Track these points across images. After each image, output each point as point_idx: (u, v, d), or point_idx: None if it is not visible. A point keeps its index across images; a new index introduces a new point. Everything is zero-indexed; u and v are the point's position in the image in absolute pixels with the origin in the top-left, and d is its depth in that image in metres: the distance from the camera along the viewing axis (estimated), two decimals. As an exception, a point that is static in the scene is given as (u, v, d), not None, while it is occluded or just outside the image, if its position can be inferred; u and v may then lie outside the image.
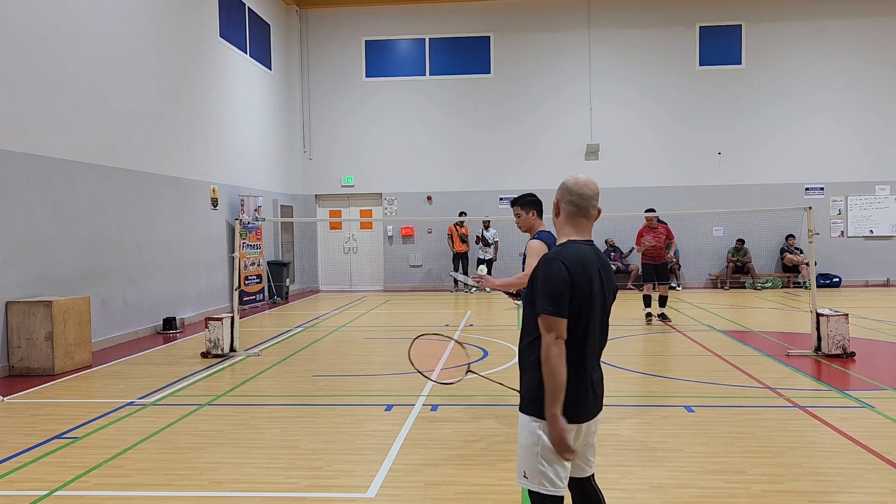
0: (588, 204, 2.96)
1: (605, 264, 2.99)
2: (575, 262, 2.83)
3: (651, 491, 4.50)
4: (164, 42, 12.53)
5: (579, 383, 2.86)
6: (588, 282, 2.85)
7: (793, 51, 18.66)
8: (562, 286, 2.79)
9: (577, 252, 2.88)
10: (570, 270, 2.81)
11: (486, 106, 19.31)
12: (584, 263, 2.86)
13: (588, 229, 2.99)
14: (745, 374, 7.84)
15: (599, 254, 2.99)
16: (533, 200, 5.64)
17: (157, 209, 12.08)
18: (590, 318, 2.87)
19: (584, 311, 2.84)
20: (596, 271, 2.90)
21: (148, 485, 4.73)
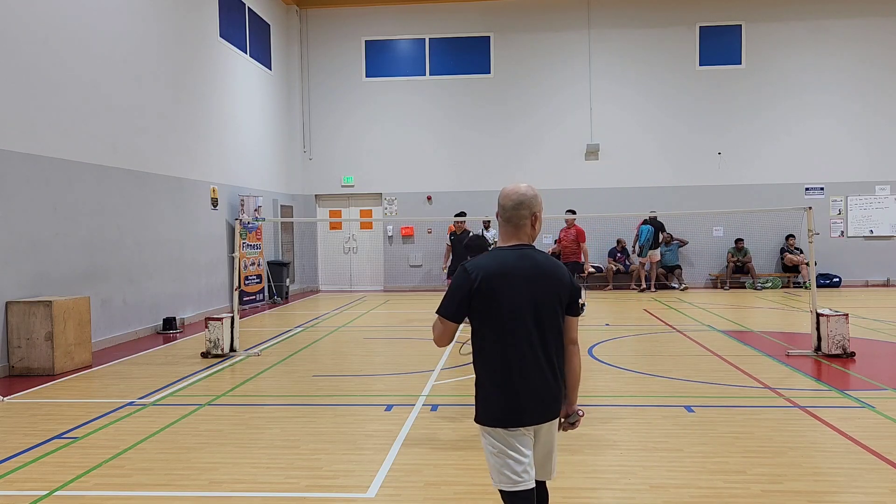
0: (510, 214, 3.01)
1: (538, 267, 2.97)
2: (483, 270, 2.92)
3: (651, 491, 4.50)
4: (165, 42, 12.53)
5: (506, 387, 2.92)
6: (503, 286, 2.90)
7: (793, 51, 18.66)
8: (458, 292, 2.92)
9: (493, 259, 2.97)
10: (475, 278, 2.90)
11: (486, 106, 19.31)
12: (500, 269, 2.92)
13: (518, 236, 3.03)
14: (745, 374, 7.84)
15: (531, 257, 2.99)
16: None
17: (157, 209, 12.08)
18: (508, 321, 2.90)
19: (495, 313, 2.91)
20: (520, 275, 2.93)
21: (148, 485, 4.73)
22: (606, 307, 14.85)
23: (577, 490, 4.55)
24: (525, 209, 3.00)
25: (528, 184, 3.08)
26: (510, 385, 2.93)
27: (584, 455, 5.24)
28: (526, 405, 2.93)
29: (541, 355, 2.95)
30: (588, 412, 6.38)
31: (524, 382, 2.93)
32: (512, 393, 2.93)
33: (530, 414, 2.95)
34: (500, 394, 2.93)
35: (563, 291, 3.01)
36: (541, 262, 3.00)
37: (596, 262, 18.76)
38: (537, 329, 2.93)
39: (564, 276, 3.03)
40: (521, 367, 2.92)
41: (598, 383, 7.60)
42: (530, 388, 2.93)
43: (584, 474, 4.83)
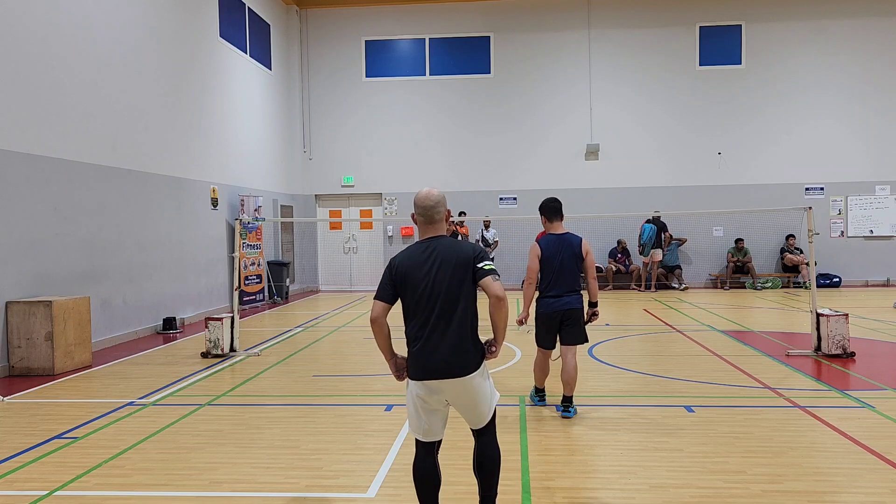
0: (428, 213, 3.73)
1: (443, 255, 3.65)
2: (398, 260, 3.72)
3: (651, 491, 4.50)
4: (165, 42, 12.53)
5: (416, 346, 3.64)
6: (413, 271, 3.63)
7: (793, 51, 18.66)
8: (384, 279, 3.73)
9: (408, 253, 3.73)
10: (392, 266, 3.71)
11: (486, 106, 19.31)
12: (411, 257, 3.68)
13: (431, 231, 3.75)
14: (745, 374, 7.84)
15: (437, 247, 3.68)
16: (541, 206, 6.42)
17: (157, 209, 12.08)
18: (418, 296, 3.62)
19: (410, 292, 3.65)
20: (426, 262, 3.64)
21: (148, 485, 4.73)
22: (606, 307, 14.83)
23: (577, 490, 4.55)
24: (440, 207, 3.74)
25: (438, 188, 3.83)
26: (421, 344, 3.67)
27: (584, 455, 5.24)
28: (427, 362, 3.64)
29: (442, 321, 3.61)
30: (588, 412, 6.40)
31: (432, 342, 3.63)
32: (421, 350, 3.66)
33: (432, 369, 3.63)
34: (410, 349, 3.71)
35: (456, 271, 3.62)
36: (443, 252, 3.66)
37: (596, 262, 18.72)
38: (437, 300, 3.61)
39: (462, 254, 3.66)
40: (435, 331, 3.63)
41: (598, 383, 7.60)
42: (434, 347, 3.63)
43: (584, 474, 4.84)
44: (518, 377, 7.85)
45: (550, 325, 6.27)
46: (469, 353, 3.64)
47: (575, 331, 6.24)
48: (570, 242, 6.23)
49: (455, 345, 3.60)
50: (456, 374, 3.59)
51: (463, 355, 3.61)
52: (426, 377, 3.62)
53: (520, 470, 4.89)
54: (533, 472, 4.85)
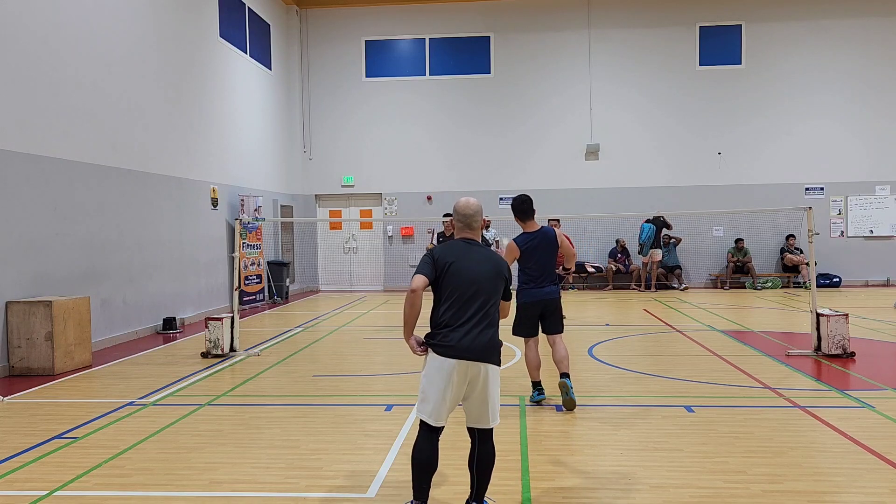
0: (467, 220, 4.18)
1: (485, 257, 4.10)
2: (441, 250, 4.08)
3: (651, 491, 4.50)
4: (165, 42, 12.53)
5: (448, 329, 3.95)
6: (458, 261, 4.01)
7: (793, 51, 18.66)
8: (426, 260, 4.08)
9: (450, 245, 4.12)
10: (435, 255, 4.07)
11: (486, 106, 19.31)
12: (455, 253, 4.06)
13: (470, 234, 4.19)
14: (745, 374, 7.84)
15: (478, 249, 4.14)
16: (512, 207, 6.71)
17: (157, 209, 12.09)
18: (462, 285, 3.98)
19: (452, 279, 3.99)
20: (470, 257, 4.05)
21: (148, 485, 4.73)
22: (606, 307, 14.85)
23: (577, 490, 4.55)
24: (479, 215, 4.20)
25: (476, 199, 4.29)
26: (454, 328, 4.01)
27: (584, 455, 5.24)
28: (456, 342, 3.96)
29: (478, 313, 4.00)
30: (588, 412, 6.40)
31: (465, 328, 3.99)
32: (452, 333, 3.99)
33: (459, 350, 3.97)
34: (443, 330, 4.03)
35: (496, 271, 4.08)
36: (482, 252, 4.12)
37: (596, 262, 18.77)
38: (473, 292, 4.01)
39: (500, 264, 4.14)
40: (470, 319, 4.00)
41: (598, 383, 7.60)
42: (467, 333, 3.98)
43: (584, 474, 4.84)
44: (518, 377, 7.85)
45: (533, 314, 6.63)
46: (498, 347, 4.05)
47: (557, 319, 6.67)
48: (546, 236, 6.58)
49: (491, 336, 4.00)
50: (492, 361, 3.98)
51: (496, 347, 4.02)
52: (469, 357, 3.90)
53: (520, 470, 4.89)
54: (533, 472, 4.85)
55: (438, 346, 3.94)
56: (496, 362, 4.00)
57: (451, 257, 4.03)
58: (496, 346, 4.02)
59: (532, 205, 6.62)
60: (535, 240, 6.54)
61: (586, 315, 13.48)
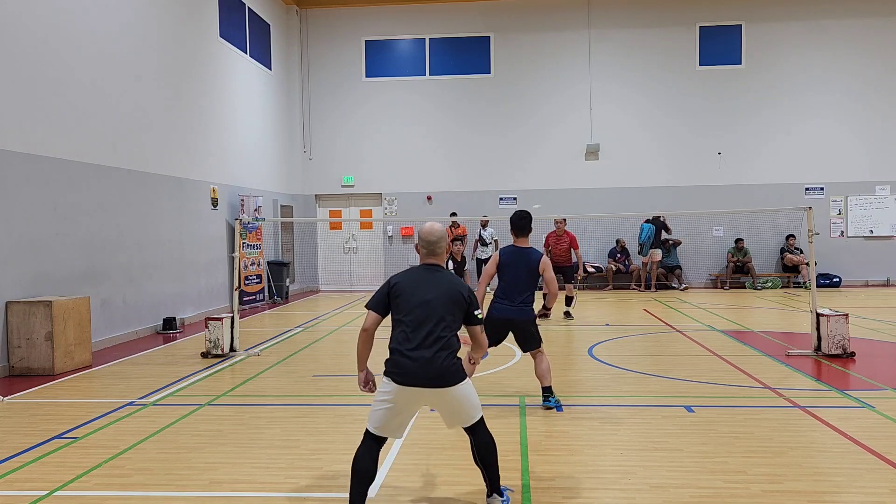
0: (430, 247, 4.23)
1: (440, 279, 4.12)
2: (400, 278, 4.16)
3: (651, 491, 4.50)
4: (165, 42, 12.53)
5: (398, 355, 4.00)
6: (412, 288, 4.07)
7: (793, 51, 18.66)
8: (381, 293, 4.18)
9: (409, 273, 4.20)
10: (391, 284, 4.14)
11: (486, 106, 19.31)
12: (411, 278, 4.14)
13: (433, 260, 4.23)
14: (745, 374, 7.84)
15: (435, 273, 4.16)
16: (511, 220, 6.72)
17: (157, 209, 12.09)
18: (408, 309, 4.02)
19: (404, 307, 4.05)
20: (424, 283, 4.09)
21: (148, 485, 4.73)
22: (606, 307, 14.84)
23: (577, 490, 4.55)
24: (442, 242, 4.23)
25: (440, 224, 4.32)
26: (404, 354, 4.06)
27: (584, 455, 5.24)
28: (407, 369, 4.02)
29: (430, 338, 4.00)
30: (588, 412, 6.40)
31: (416, 353, 4.02)
32: (402, 358, 4.06)
33: (412, 377, 4.01)
34: (392, 356, 4.12)
35: (452, 297, 4.07)
36: (439, 278, 4.13)
37: (596, 262, 18.78)
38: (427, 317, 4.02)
39: (460, 290, 4.12)
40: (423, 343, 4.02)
41: (598, 383, 7.60)
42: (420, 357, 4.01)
43: (584, 474, 4.84)
44: (518, 377, 7.85)
45: (494, 328, 6.42)
46: (452, 370, 4.00)
47: (527, 338, 6.56)
48: (529, 257, 6.51)
49: (443, 360, 3.97)
50: (446, 385, 3.98)
51: (448, 370, 3.98)
52: (419, 384, 3.95)
53: (520, 470, 4.89)
54: (533, 472, 4.85)
55: (390, 372, 4.02)
56: (453, 383, 3.98)
57: (406, 283, 4.11)
58: (449, 369, 3.97)
59: (530, 223, 6.60)
60: (516, 256, 6.52)
61: (586, 315, 13.47)
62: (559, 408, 6.46)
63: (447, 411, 4.12)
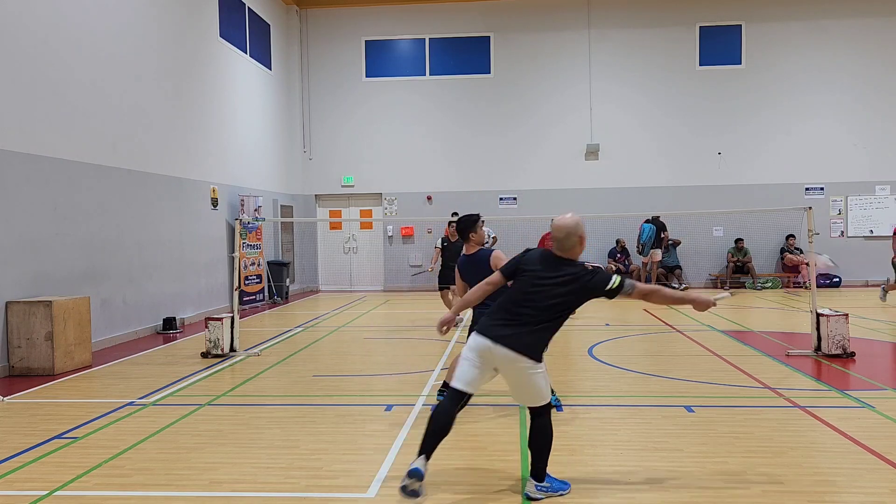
0: (559, 242, 4.42)
1: (561, 271, 4.32)
2: (531, 255, 4.49)
3: (651, 491, 4.50)
4: (165, 42, 12.53)
5: (497, 317, 4.37)
6: (538, 270, 4.37)
7: (793, 51, 18.66)
8: (514, 259, 4.53)
9: (541, 254, 4.49)
10: (525, 254, 4.50)
11: (486, 106, 19.31)
12: (542, 261, 4.41)
13: (559, 254, 4.42)
14: (745, 374, 7.84)
15: (561, 263, 4.37)
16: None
17: (157, 209, 12.08)
18: (526, 287, 4.33)
19: (522, 280, 4.37)
20: (544, 267, 4.36)
21: (148, 485, 4.73)
22: (606, 307, 14.84)
23: (577, 490, 4.54)
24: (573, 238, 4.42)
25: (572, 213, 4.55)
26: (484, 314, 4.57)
27: (583, 455, 5.24)
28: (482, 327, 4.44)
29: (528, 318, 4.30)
30: (588, 412, 6.40)
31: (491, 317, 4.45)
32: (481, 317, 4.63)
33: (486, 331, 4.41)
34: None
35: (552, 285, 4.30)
36: (546, 260, 4.38)
37: (596, 262, 18.77)
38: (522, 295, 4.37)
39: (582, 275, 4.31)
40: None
41: (599, 383, 7.60)
42: (491, 321, 4.42)
43: (584, 474, 4.83)
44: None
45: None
46: (524, 344, 4.22)
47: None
48: (479, 260, 6.35)
49: (520, 333, 4.24)
50: (511, 347, 4.22)
51: (521, 342, 4.23)
52: (487, 338, 4.30)
53: (520, 469, 4.89)
54: (533, 472, 4.85)
55: (477, 326, 4.48)
56: (521, 353, 4.19)
57: (535, 261, 4.41)
58: (522, 342, 4.20)
59: (467, 223, 6.47)
60: (468, 264, 6.41)
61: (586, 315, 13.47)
62: (559, 408, 6.45)
63: (510, 382, 4.39)
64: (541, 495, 4.35)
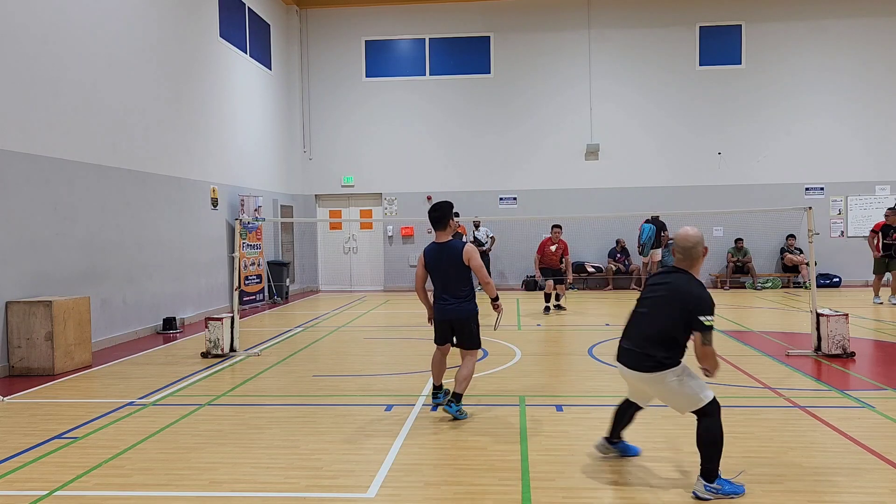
0: (684, 252, 4.78)
1: (674, 286, 4.60)
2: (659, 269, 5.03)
3: (651, 491, 4.50)
4: (165, 42, 12.53)
5: (623, 339, 4.80)
6: (651, 280, 4.87)
7: (793, 51, 18.66)
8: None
9: (665, 270, 4.88)
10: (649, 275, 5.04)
11: (485, 106, 19.31)
12: (655, 275, 4.91)
13: (682, 264, 4.75)
14: (745, 374, 7.84)
15: (673, 273, 4.72)
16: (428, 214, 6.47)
17: (157, 209, 12.09)
18: (644, 301, 4.73)
19: (643, 295, 4.78)
20: (660, 281, 4.76)
21: (148, 485, 4.74)
22: (606, 307, 14.84)
23: (577, 490, 4.55)
24: (698, 247, 4.79)
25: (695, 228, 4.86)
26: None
27: (584, 455, 5.24)
28: (622, 353, 4.81)
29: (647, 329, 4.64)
30: (588, 412, 6.40)
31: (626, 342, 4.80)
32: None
33: (623, 358, 4.80)
34: None
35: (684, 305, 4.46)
36: (677, 280, 4.62)
37: (596, 262, 18.78)
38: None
39: (688, 296, 4.48)
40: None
41: (599, 383, 7.60)
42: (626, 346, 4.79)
43: (585, 474, 4.84)
44: (518, 377, 7.85)
45: (441, 328, 6.42)
46: (652, 358, 4.51)
47: (465, 338, 6.31)
48: (451, 251, 6.20)
49: (640, 348, 4.57)
50: (641, 369, 4.56)
51: (645, 355, 4.54)
52: (622, 363, 4.71)
53: (520, 470, 4.89)
54: (533, 472, 4.85)
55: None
56: (646, 369, 4.50)
57: (653, 275, 4.88)
58: (646, 355, 4.51)
59: (445, 213, 6.27)
60: (438, 252, 6.25)
61: (586, 315, 13.48)
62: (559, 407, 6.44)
63: (660, 398, 4.69)
64: (709, 496, 4.38)
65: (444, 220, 6.26)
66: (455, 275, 6.20)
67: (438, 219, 6.26)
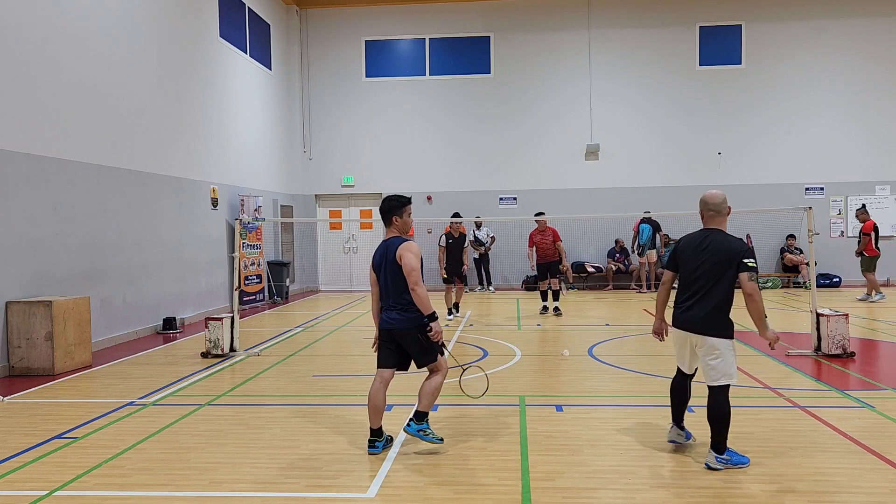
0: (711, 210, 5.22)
1: (714, 244, 5.00)
2: (682, 241, 5.27)
3: (651, 491, 4.51)
4: (165, 42, 12.53)
5: (682, 306, 5.10)
6: (688, 251, 5.13)
7: (793, 51, 18.66)
8: (672, 254, 5.35)
9: (689, 237, 5.25)
10: (678, 244, 5.30)
11: (485, 106, 19.31)
12: (690, 242, 5.20)
13: (712, 224, 5.19)
14: (746, 374, 7.84)
15: (712, 234, 5.09)
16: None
17: (157, 209, 12.09)
18: (688, 271, 5.08)
19: (683, 266, 5.13)
20: (695, 244, 5.10)
21: (148, 485, 4.74)
22: (606, 307, 14.84)
23: (577, 490, 4.55)
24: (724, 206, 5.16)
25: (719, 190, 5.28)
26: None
27: (584, 455, 5.24)
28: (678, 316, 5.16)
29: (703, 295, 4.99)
30: (588, 412, 6.40)
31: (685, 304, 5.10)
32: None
33: (680, 322, 5.15)
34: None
35: (731, 258, 4.87)
36: (715, 238, 5.00)
37: (596, 262, 18.78)
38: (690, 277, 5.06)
39: (731, 248, 4.92)
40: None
41: (598, 383, 7.60)
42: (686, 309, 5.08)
43: (584, 474, 4.84)
44: (518, 377, 7.86)
45: (383, 342, 5.42)
46: (712, 320, 4.90)
47: (416, 352, 5.33)
48: (388, 250, 5.31)
49: (705, 311, 4.91)
50: (706, 333, 4.90)
51: (708, 320, 4.90)
52: (683, 328, 5.02)
53: (520, 470, 4.89)
54: (533, 472, 4.85)
55: (673, 319, 5.10)
56: (710, 333, 4.88)
57: (684, 245, 5.15)
58: (709, 319, 4.88)
59: (392, 206, 5.38)
60: (383, 250, 5.38)
61: (586, 315, 13.48)
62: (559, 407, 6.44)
63: (701, 361, 4.97)
64: (720, 466, 4.79)
65: (389, 215, 5.38)
66: (393, 278, 5.26)
67: (383, 212, 5.42)
